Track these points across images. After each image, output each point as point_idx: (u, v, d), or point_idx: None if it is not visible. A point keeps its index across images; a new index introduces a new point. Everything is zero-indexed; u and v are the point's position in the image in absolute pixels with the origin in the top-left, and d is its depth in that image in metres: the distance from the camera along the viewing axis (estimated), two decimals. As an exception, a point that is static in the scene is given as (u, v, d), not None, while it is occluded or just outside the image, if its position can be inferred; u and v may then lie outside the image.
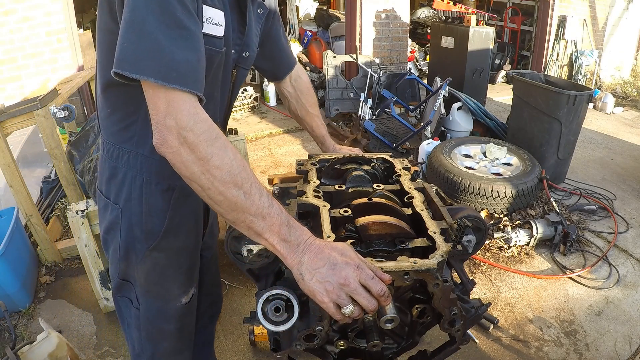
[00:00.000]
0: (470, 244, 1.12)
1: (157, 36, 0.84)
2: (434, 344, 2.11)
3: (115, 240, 1.17)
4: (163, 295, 1.22)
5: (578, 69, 7.13)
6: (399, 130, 4.71)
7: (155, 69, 0.83)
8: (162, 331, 1.26)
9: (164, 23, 0.85)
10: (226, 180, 0.84)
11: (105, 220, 1.18)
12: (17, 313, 2.50)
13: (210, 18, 0.99)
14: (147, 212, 1.13)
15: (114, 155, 1.12)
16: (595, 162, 4.58)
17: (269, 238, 0.87)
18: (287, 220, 0.88)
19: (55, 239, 3.03)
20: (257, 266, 1.02)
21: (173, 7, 0.86)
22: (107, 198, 1.16)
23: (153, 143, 0.86)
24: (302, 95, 1.57)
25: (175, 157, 0.85)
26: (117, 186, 1.13)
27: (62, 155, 2.74)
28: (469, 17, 5.35)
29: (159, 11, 0.84)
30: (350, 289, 0.83)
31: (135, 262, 1.18)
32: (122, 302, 1.26)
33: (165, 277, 1.21)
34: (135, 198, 1.12)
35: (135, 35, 0.84)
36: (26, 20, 4.27)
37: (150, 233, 1.15)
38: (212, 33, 1.00)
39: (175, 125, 0.83)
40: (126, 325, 1.30)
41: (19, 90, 4.38)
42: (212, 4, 0.98)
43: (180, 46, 0.86)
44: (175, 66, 0.85)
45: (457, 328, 1.02)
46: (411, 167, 1.38)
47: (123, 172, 1.12)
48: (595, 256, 3.03)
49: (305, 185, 1.21)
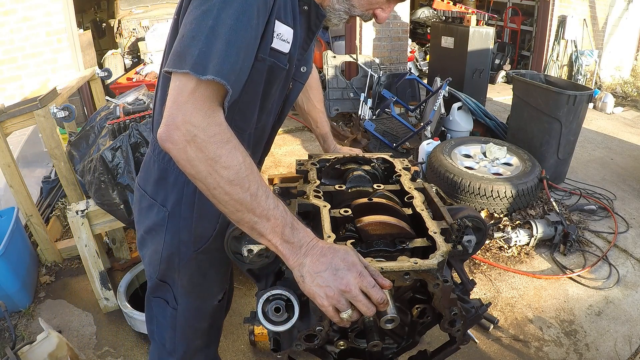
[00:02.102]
0: (470, 244, 1.12)
1: (230, 40, 0.85)
2: (434, 344, 2.11)
3: (157, 242, 1.17)
4: (204, 295, 1.24)
5: (578, 69, 7.13)
6: (399, 130, 4.71)
7: (212, 67, 0.83)
8: (196, 330, 1.28)
9: (237, 26, 0.86)
10: (233, 181, 0.84)
11: (149, 220, 1.18)
12: (17, 313, 2.50)
13: (280, 34, 0.99)
14: (198, 218, 1.13)
15: (165, 157, 1.11)
16: (595, 162, 4.58)
17: (272, 239, 0.87)
18: (290, 222, 0.88)
19: (55, 239, 3.03)
20: (258, 266, 1.02)
21: (250, 14, 0.87)
22: (153, 199, 1.15)
23: (157, 136, 0.85)
24: (311, 90, 1.58)
25: (180, 153, 0.83)
26: (166, 189, 1.13)
27: (62, 155, 2.74)
28: (469, 17, 5.35)
29: (235, 15, 0.85)
30: (351, 295, 0.84)
31: (178, 265, 1.18)
32: (155, 302, 1.26)
33: (207, 277, 1.22)
34: (187, 203, 1.12)
35: (213, 38, 0.84)
36: (26, 20, 4.28)
37: (200, 237, 1.15)
38: (279, 48, 1.00)
39: (184, 121, 0.82)
40: (155, 325, 1.31)
41: (19, 90, 4.38)
42: (285, 21, 0.99)
43: (236, 48, 0.87)
44: (227, 67, 0.85)
45: (457, 328, 1.02)
46: (411, 167, 1.38)
47: (174, 175, 1.11)
48: (595, 256, 3.03)
49: (305, 185, 1.21)
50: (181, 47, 0.86)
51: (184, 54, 0.84)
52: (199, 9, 0.87)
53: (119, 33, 6.84)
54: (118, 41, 6.94)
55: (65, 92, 3.01)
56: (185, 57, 0.84)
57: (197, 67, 0.82)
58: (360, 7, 1.10)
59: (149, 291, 1.27)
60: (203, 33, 0.84)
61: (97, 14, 9.47)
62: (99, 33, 8.60)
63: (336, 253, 0.87)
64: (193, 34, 0.85)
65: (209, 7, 0.86)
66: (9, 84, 4.36)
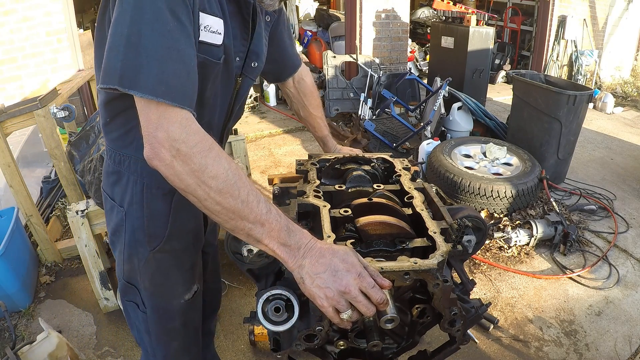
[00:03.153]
0: (470, 244, 1.12)
1: (149, 49, 0.83)
2: (434, 344, 2.11)
3: (120, 243, 1.18)
4: (167, 295, 1.23)
5: (578, 69, 7.13)
6: (399, 130, 4.71)
7: (146, 84, 0.83)
8: (169, 331, 1.27)
9: (157, 33, 0.84)
10: (223, 190, 0.84)
11: (112, 222, 1.19)
12: (17, 313, 2.50)
13: (208, 26, 0.97)
14: (149, 216, 1.13)
15: (116, 160, 1.13)
16: (595, 162, 4.58)
17: (269, 243, 0.87)
18: (286, 225, 0.88)
19: (55, 239, 3.03)
20: (257, 266, 1.02)
21: (165, 19, 0.84)
22: (113, 200, 1.17)
23: (144, 156, 0.85)
24: (305, 98, 1.58)
25: (168, 169, 0.84)
26: (121, 190, 1.14)
27: (62, 155, 2.74)
28: (469, 17, 5.35)
29: (152, 22, 0.83)
30: (351, 296, 0.84)
31: (138, 266, 1.18)
32: (129, 306, 1.26)
33: (169, 277, 1.21)
34: (137, 202, 1.12)
35: (125, 48, 0.83)
36: (26, 20, 4.28)
37: (153, 236, 1.15)
38: (209, 41, 0.98)
39: (167, 137, 0.82)
40: (135, 330, 1.30)
41: (19, 90, 4.38)
42: (210, 12, 0.97)
43: (172, 58, 0.85)
44: (165, 79, 0.84)
45: (457, 328, 1.02)
46: (411, 167, 1.38)
47: (126, 176, 1.12)
48: (595, 256, 3.03)
49: (305, 185, 1.21)
50: (105, 61, 0.86)
51: (107, 67, 0.85)
52: (114, 18, 0.86)
53: (119, 33, 6.83)
54: (118, 41, 6.93)
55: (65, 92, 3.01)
56: (109, 71, 0.84)
57: (124, 81, 0.83)
58: None
59: (121, 293, 1.26)
60: (120, 44, 0.83)
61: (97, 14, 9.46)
62: (99, 33, 8.60)
63: (335, 254, 0.86)
64: (110, 46, 0.85)
65: (120, 15, 0.84)
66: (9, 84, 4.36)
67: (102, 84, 0.86)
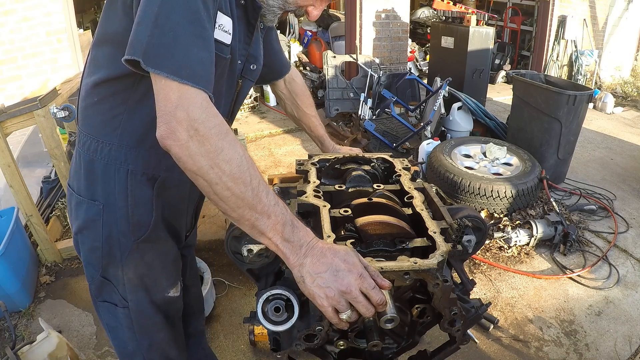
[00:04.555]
0: (470, 244, 1.12)
1: (177, 32, 0.84)
2: (434, 344, 2.11)
3: (93, 239, 1.14)
4: (152, 287, 1.21)
5: (578, 69, 7.13)
6: (399, 130, 4.71)
7: (171, 64, 0.84)
8: (155, 323, 1.25)
9: (187, 19, 0.85)
10: (235, 175, 0.83)
11: (79, 219, 1.15)
12: (17, 313, 2.50)
13: (222, 25, 0.99)
14: (133, 204, 1.11)
15: (91, 148, 1.09)
16: (595, 162, 4.58)
17: (272, 237, 0.87)
18: (290, 220, 0.88)
19: (55, 239, 3.03)
20: (257, 266, 1.02)
21: (197, 7, 0.87)
22: (80, 195, 1.13)
23: (157, 136, 0.84)
24: (297, 97, 1.59)
25: (182, 150, 0.83)
26: (94, 181, 1.10)
27: (62, 155, 2.74)
28: (469, 17, 5.35)
29: (183, 7, 0.85)
30: (351, 297, 0.84)
31: (120, 258, 1.15)
32: (103, 307, 1.23)
33: (154, 268, 1.19)
34: (120, 191, 1.10)
35: (156, 28, 0.84)
36: (26, 20, 4.28)
37: (138, 225, 1.13)
38: (221, 39, 1.00)
39: (186, 117, 0.82)
40: (109, 330, 1.27)
41: (19, 90, 4.38)
42: (225, 12, 0.99)
43: (198, 45, 0.87)
44: (189, 63, 0.85)
45: (457, 328, 1.02)
46: (411, 167, 1.38)
47: (102, 165, 1.09)
48: (595, 256, 3.03)
49: (305, 185, 1.21)
50: (133, 34, 0.86)
51: (131, 42, 0.85)
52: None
53: (119, 33, 6.84)
54: (118, 41, 6.93)
55: (65, 92, 3.01)
56: (134, 45, 0.85)
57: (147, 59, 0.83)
58: (293, 3, 1.11)
59: (94, 296, 1.22)
60: (148, 20, 0.84)
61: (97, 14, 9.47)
62: (99, 33, 8.60)
63: (336, 254, 0.86)
64: (138, 20, 0.85)
65: None
66: (9, 84, 4.36)
67: (127, 55, 0.85)
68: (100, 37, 1.03)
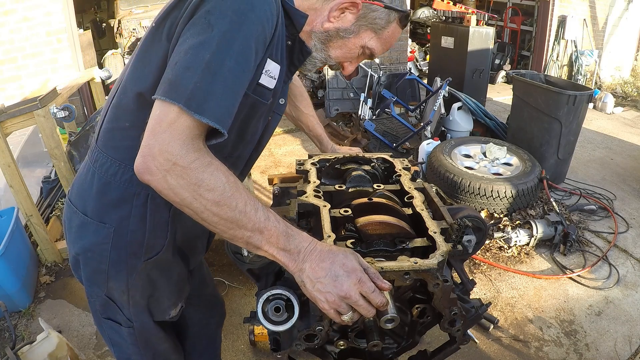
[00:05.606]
0: (470, 244, 1.12)
1: (226, 80, 0.85)
2: (434, 344, 2.11)
3: (99, 261, 1.11)
4: (155, 308, 1.20)
5: (578, 69, 7.13)
6: (399, 130, 4.71)
7: (213, 111, 0.83)
8: (159, 338, 1.26)
9: (238, 69, 0.86)
10: (220, 203, 0.82)
11: (84, 240, 1.11)
12: (17, 313, 2.50)
13: (268, 71, 0.99)
14: (151, 228, 1.10)
15: (110, 171, 1.06)
16: (595, 162, 4.58)
17: (269, 249, 0.87)
18: (285, 231, 0.88)
19: (55, 239, 3.03)
20: (257, 266, 1.02)
21: (249, 57, 0.88)
22: (87, 215, 1.09)
23: (134, 168, 0.83)
24: (295, 98, 1.59)
25: (161, 184, 0.82)
26: (107, 204, 1.07)
27: (62, 155, 2.74)
28: (469, 17, 5.35)
29: (235, 56, 0.85)
30: (351, 301, 0.85)
31: (127, 280, 1.13)
32: (107, 324, 1.21)
33: (158, 287, 1.18)
34: (137, 215, 1.08)
35: (202, 72, 0.83)
36: (26, 20, 4.28)
37: (152, 248, 1.12)
38: (265, 84, 1.01)
39: (163, 151, 0.80)
40: (112, 344, 1.26)
41: (19, 90, 4.38)
42: (275, 59, 1.00)
43: (239, 95, 0.89)
44: (231, 112, 0.87)
45: (457, 328, 1.02)
46: (411, 167, 1.38)
47: (121, 189, 1.06)
48: (595, 256, 3.03)
49: (305, 185, 1.21)
50: (173, 76, 0.84)
51: (176, 84, 0.83)
52: (196, 38, 0.85)
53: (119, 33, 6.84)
54: (118, 41, 6.94)
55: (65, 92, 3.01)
56: (178, 88, 0.82)
57: (191, 103, 0.81)
58: (335, 58, 1.13)
59: (97, 312, 1.21)
60: (199, 67, 0.83)
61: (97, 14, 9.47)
62: (99, 33, 8.61)
63: (335, 257, 0.87)
64: (188, 65, 0.83)
65: (207, 39, 0.84)
66: (9, 84, 4.37)
67: (164, 96, 0.82)
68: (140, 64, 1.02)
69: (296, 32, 1.07)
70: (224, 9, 0.86)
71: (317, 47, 1.10)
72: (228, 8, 0.86)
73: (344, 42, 1.10)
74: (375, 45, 1.12)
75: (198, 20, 0.87)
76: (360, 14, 1.06)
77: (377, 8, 1.06)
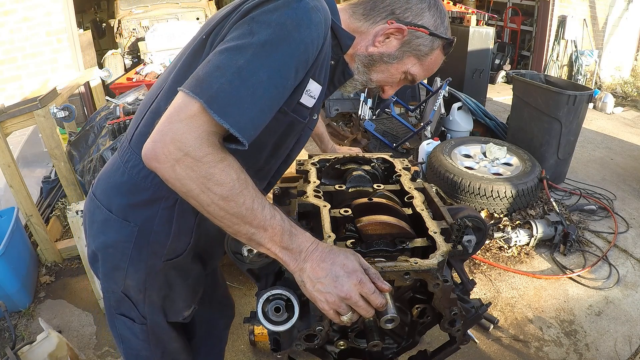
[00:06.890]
0: (470, 244, 1.12)
1: (255, 91, 0.83)
2: (434, 344, 2.11)
3: (120, 259, 1.11)
4: (169, 308, 1.21)
5: (578, 69, 7.13)
6: (399, 130, 4.71)
7: (237, 119, 0.81)
8: (171, 337, 1.27)
9: (271, 86, 0.84)
10: (228, 198, 0.82)
11: (106, 236, 1.11)
12: (17, 313, 2.50)
13: (310, 90, 0.99)
14: (176, 232, 1.10)
15: (142, 173, 1.04)
16: (595, 162, 4.58)
17: (271, 247, 0.87)
18: (289, 229, 0.88)
19: (55, 239, 3.03)
20: (257, 266, 1.02)
21: (287, 75, 0.86)
22: (112, 212, 1.09)
23: (142, 152, 0.82)
24: None
25: (169, 173, 0.80)
26: (135, 204, 1.07)
27: (62, 155, 2.74)
28: (469, 17, 5.35)
29: (270, 70, 0.84)
30: (351, 302, 0.85)
31: (145, 279, 1.14)
32: (120, 321, 1.22)
33: (174, 288, 1.19)
34: (163, 217, 1.07)
35: (232, 75, 0.81)
36: (26, 20, 4.28)
37: (174, 250, 1.12)
38: (305, 103, 1.00)
39: (176, 140, 0.79)
40: (122, 340, 1.26)
41: (19, 90, 4.39)
42: (317, 79, 0.99)
43: (269, 111, 0.87)
44: (257, 125, 0.85)
45: (457, 328, 1.02)
46: (411, 167, 1.38)
47: (150, 192, 1.05)
48: (595, 256, 3.03)
49: (305, 185, 1.21)
50: (202, 73, 0.83)
51: (202, 80, 0.82)
52: (234, 42, 0.85)
53: (119, 33, 6.84)
54: (118, 41, 6.94)
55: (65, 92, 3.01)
56: (203, 84, 0.81)
57: (213, 103, 0.79)
58: (377, 82, 1.13)
59: (112, 307, 1.21)
60: (230, 69, 0.81)
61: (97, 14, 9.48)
62: (99, 33, 8.61)
63: (336, 258, 0.87)
64: (219, 64, 0.82)
65: (245, 45, 0.83)
66: (9, 84, 4.37)
67: (188, 89, 0.81)
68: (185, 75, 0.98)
69: (341, 53, 1.06)
70: (270, 20, 0.85)
71: (360, 70, 1.10)
72: (274, 20, 0.85)
73: (387, 67, 1.09)
74: (417, 71, 1.12)
75: (242, 25, 0.87)
76: (405, 40, 1.05)
77: (422, 35, 1.06)
